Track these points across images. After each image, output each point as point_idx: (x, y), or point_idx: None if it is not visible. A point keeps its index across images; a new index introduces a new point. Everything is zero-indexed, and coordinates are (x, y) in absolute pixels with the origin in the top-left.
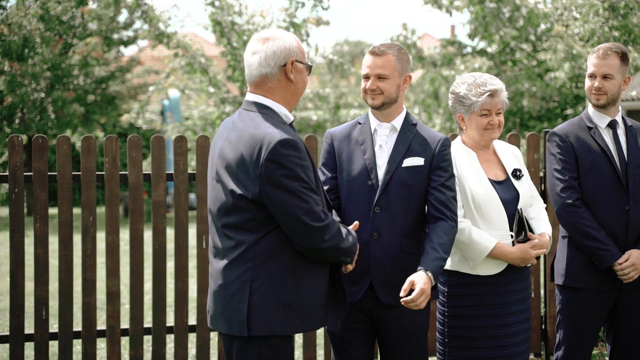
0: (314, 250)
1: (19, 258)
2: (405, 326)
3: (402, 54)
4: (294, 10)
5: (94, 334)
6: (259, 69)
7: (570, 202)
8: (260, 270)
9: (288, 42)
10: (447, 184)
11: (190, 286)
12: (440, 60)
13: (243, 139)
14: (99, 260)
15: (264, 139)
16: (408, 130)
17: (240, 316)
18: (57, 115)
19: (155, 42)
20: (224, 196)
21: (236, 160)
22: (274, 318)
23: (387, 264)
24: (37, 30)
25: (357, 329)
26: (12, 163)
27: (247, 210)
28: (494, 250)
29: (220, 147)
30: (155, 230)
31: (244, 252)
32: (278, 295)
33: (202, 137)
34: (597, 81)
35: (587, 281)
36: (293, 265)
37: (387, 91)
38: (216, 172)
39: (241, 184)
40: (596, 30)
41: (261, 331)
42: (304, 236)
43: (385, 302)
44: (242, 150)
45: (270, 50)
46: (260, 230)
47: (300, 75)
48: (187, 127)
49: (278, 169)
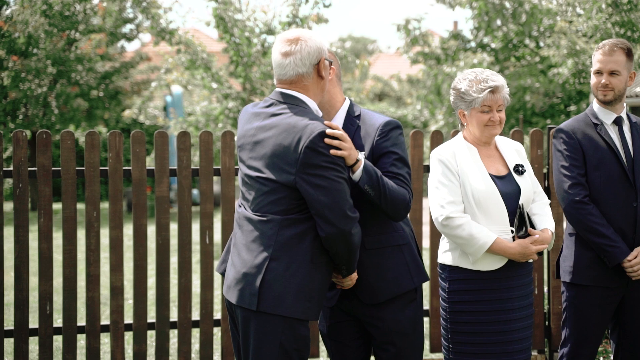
0: (342, 235)
1: (24, 253)
2: (388, 325)
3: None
4: (297, 5)
5: (98, 329)
6: (295, 69)
7: (579, 199)
8: (281, 252)
9: (319, 41)
10: (394, 169)
11: (194, 281)
12: (444, 56)
13: (281, 128)
14: (103, 255)
15: (305, 128)
16: (350, 124)
17: (252, 290)
18: (60, 111)
19: (158, 38)
20: (257, 178)
21: (274, 146)
22: (284, 299)
23: (365, 264)
24: (41, 26)
25: (344, 329)
26: (17, 158)
27: (279, 194)
28: (494, 245)
29: (253, 134)
30: (158, 225)
31: (269, 231)
32: (293, 279)
33: (205, 133)
34: (604, 77)
35: (595, 278)
36: (313, 252)
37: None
38: (247, 159)
39: (276, 169)
40: (599, 27)
41: (269, 308)
42: (336, 221)
43: (366, 302)
44: (281, 138)
45: (305, 51)
46: (288, 213)
47: (327, 72)
48: (190, 122)
49: (318, 156)
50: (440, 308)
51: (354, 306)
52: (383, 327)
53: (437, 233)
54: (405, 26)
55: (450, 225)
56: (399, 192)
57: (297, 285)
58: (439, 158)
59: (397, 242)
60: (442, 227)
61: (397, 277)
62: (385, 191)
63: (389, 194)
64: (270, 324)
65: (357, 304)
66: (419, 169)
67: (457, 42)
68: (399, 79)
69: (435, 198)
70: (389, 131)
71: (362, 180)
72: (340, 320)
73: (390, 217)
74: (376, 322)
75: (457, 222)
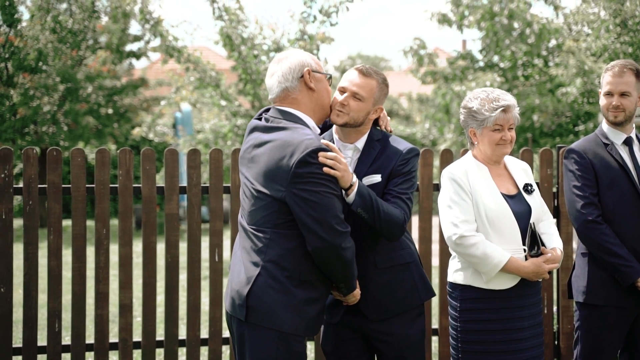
0: (332, 249)
1: (33, 270)
2: (398, 340)
3: (384, 86)
4: (306, 23)
5: (107, 347)
6: (279, 86)
7: (592, 219)
8: (270, 265)
9: (301, 56)
10: (399, 188)
11: (203, 299)
12: (452, 75)
13: (277, 143)
14: (112, 273)
15: (300, 144)
16: (371, 148)
17: (241, 300)
18: (69, 128)
19: (167, 56)
20: (252, 191)
21: (268, 160)
22: (272, 312)
23: (366, 281)
24: (51, 43)
25: (349, 346)
26: (27, 175)
27: (271, 208)
28: (508, 264)
29: (249, 148)
30: (168, 243)
31: (260, 244)
32: (281, 292)
33: (215, 151)
34: (615, 99)
35: (608, 298)
36: (302, 269)
37: (354, 112)
38: (245, 173)
39: (269, 183)
40: (608, 46)
41: (258, 320)
42: (325, 235)
43: (372, 319)
44: (276, 152)
45: (286, 67)
46: (279, 228)
47: (322, 84)
48: (199, 140)
49: (309, 170)
50: (450, 327)
51: (361, 322)
52: (393, 343)
53: (446, 251)
54: (414, 51)
55: (464, 244)
56: (393, 215)
57: (285, 299)
58: (451, 177)
59: (406, 260)
60: (455, 246)
61: (406, 295)
62: (380, 214)
63: (383, 216)
64: (263, 339)
65: (364, 319)
66: (428, 187)
67: (465, 61)
68: (409, 98)
69: (447, 217)
70: (410, 159)
71: (355, 203)
72: (346, 338)
73: (386, 238)
74: (386, 337)
75: (471, 241)
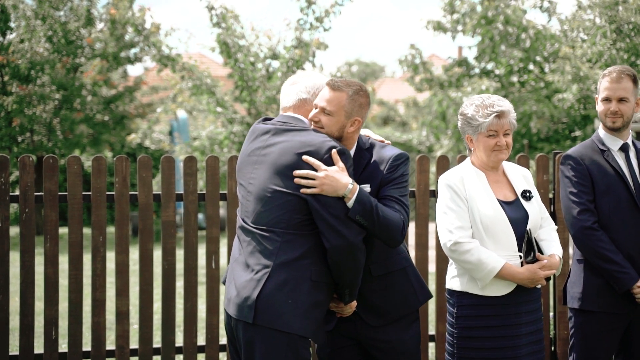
0: (350, 248)
1: (29, 278)
2: (393, 346)
3: (358, 96)
4: (302, 30)
5: (103, 354)
6: (298, 95)
7: (588, 226)
8: (280, 267)
9: (320, 80)
10: (394, 192)
11: (199, 306)
12: (448, 82)
13: (292, 143)
14: (109, 280)
15: (321, 143)
16: (361, 157)
17: (250, 302)
18: (65, 136)
19: (161, 65)
20: (263, 190)
21: (287, 159)
22: (282, 314)
23: (364, 289)
24: (45, 52)
25: (345, 354)
26: (23, 183)
27: (286, 208)
28: (502, 270)
29: (258, 152)
30: (164, 250)
31: (270, 245)
32: (291, 294)
33: (211, 158)
34: (613, 105)
35: (603, 305)
36: (313, 270)
37: (327, 127)
38: (251, 174)
39: (287, 182)
40: (604, 52)
41: (267, 322)
42: (346, 233)
43: (373, 324)
44: (294, 151)
45: (310, 82)
46: (291, 229)
47: None
48: (195, 147)
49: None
50: (447, 333)
51: (356, 329)
52: (388, 349)
53: (443, 258)
54: (409, 62)
55: (458, 251)
56: (393, 219)
57: (295, 301)
58: (447, 183)
59: (402, 265)
60: (450, 252)
61: (404, 299)
62: (380, 220)
63: (383, 222)
64: (273, 345)
65: (360, 326)
66: (424, 193)
67: (461, 68)
68: (407, 104)
69: (443, 223)
70: (398, 165)
71: (354, 210)
72: (342, 346)
73: (386, 243)
74: (381, 344)
75: (465, 247)
